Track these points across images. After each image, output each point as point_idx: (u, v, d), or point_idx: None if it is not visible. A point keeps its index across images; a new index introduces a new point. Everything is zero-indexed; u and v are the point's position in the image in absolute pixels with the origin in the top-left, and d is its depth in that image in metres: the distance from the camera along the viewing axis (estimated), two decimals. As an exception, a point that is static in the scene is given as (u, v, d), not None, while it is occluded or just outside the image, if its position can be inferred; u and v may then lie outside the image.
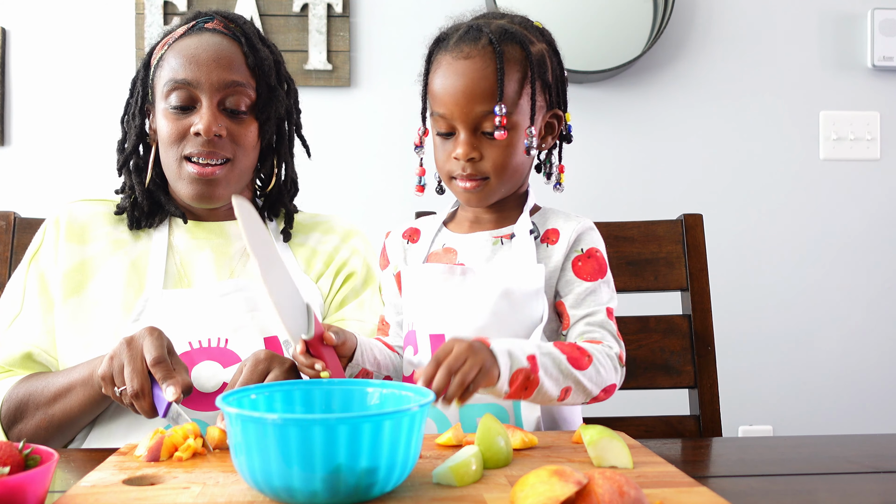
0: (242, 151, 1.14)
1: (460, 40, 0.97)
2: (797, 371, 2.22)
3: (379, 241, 1.16)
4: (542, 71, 1.00)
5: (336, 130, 2.15)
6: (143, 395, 0.90)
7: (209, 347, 1.06)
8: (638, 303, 1.47)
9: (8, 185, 2.09)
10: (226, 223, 1.21)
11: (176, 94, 1.11)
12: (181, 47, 1.13)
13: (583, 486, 0.60)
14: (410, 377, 1.00)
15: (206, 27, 1.15)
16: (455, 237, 1.04)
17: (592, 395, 0.91)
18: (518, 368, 0.82)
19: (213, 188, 1.13)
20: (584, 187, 2.18)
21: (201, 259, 1.16)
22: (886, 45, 2.20)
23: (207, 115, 1.10)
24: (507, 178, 0.98)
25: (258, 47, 1.16)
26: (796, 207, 2.23)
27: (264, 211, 1.25)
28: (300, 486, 0.62)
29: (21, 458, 0.64)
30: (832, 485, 0.78)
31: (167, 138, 1.12)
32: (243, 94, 1.13)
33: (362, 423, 0.62)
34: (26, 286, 1.15)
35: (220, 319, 1.08)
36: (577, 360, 0.88)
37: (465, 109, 0.95)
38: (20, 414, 1.04)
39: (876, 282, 2.25)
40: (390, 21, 2.17)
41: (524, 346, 0.85)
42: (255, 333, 1.09)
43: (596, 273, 0.99)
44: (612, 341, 0.96)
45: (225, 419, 0.67)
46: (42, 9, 2.10)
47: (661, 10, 2.16)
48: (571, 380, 0.88)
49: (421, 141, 1.03)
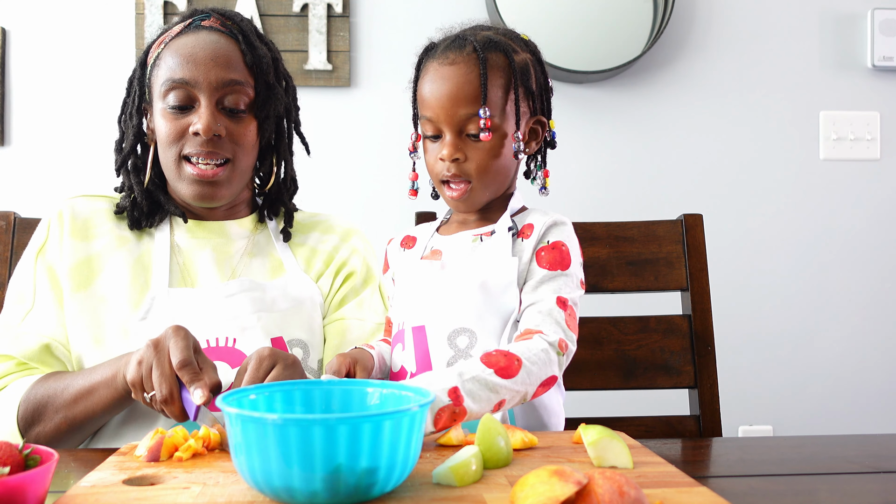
0: (242, 151, 1.14)
1: (447, 48, 1.02)
2: (797, 371, 2.22)
3: (378, 240, 1.17)
4: (525, 78, 1.04)
5: (336, 130, 2.15)
6: (172, 401, 0.88)
7: (217, 347, 1.06)
8: (638, 303, 1.48)
9: (8, 185, 2.09)
10: (226, 222, 1.21)
11: (174, 93, 1.10)
12: (178, 46, 1.12)
13: (583, 486, 0.60)
14: (400, 373, 1.03)
15: (203, 25, 1.14)
16: (442, 239, 1.08)
17: (529, 394, 0.92)
18: (440, 407, 0.84)
19: (214, 189, 1.13)
20: (584, 187, 2.18)
21: (203, 258, 1.16)
22: (886, 45, 2.20)
23: (206, 115, 1.09)
24: (491, 181, 1.02)
25: (256, 45, 1.15)
26: (796, 207, 2.23)
27: (264, 210, 1.25)
28: (300, 487, 0.62)
29: (21, 458, 0.64)
30: (832, 485, 0.78)
31: (166, 138, 1.12)
32: (242, 93, 1.12)
33: (362, 423, 0.61)
34: (36, 281, 1.13)
35: (228, 320, 1.08)
36: (506, 369, 0.89)
37: (450, 112, 0.99)
38: (38, 416, 1.02)
39: (876, 282, 2.25)
40: (390, 21, 2.17)
41: (444, 379, 0.86)
42: (262, 334, 1.09)
43: (556, 264, 1.00)
44: (553, 329, 0.95)
45: (225, 419, 0.66)
46: (42, 9, 2.11)
47: (661, 10, 2.16)
48: (503, 392, 0.88)
49: (414, 146, 1.08)
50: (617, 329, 1.34)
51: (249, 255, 1.19)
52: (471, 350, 0.98)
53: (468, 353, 0.97)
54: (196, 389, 0.86)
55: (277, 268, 1.19)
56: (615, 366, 1.32)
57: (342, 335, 1.18)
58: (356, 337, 1.18)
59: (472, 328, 0.98)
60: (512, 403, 0.91)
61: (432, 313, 1.00)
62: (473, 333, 0.98)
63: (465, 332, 0.98)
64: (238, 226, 1.21)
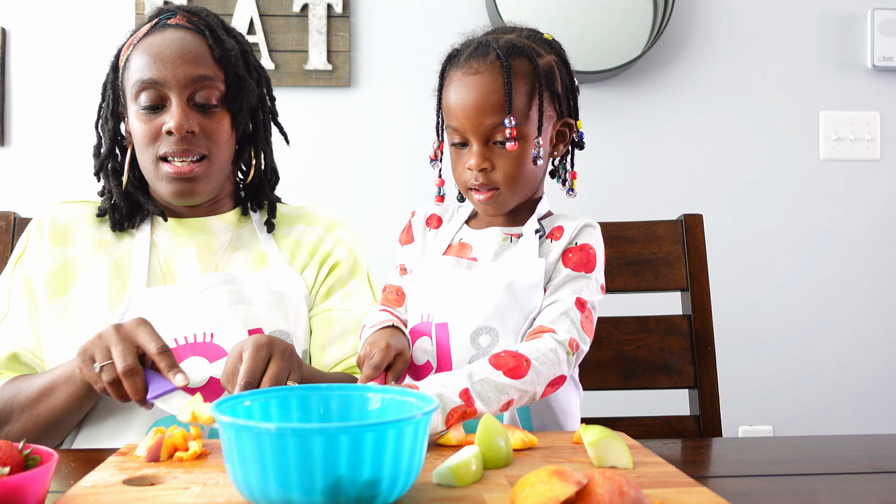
0: (217, 146, 1.13)
1: (470, 56, 1.01)
2: (797, 371, 2.22)
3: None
4: (551, 82, 1.03)
5: (336, 130, 2.15)
6: (135, 373, 0.89)
7: (195, 343, 1.06)
8: (638, 303, 1.47)
9: (8, 185, 2.09)
10: (208, 219, 1.20)
11: (145, 94, 1.10)
12: (145, 46, 1.12)
13: (583, 486, 0.60)
14: (425, 366, 1.02)
15: (170, 23, 1.14)
16: (472, 233, 1.08)
17: (538, 394, 0.92)
18: (452, 408, 0.86)
19: (192, 185, 1.13)
20: (583, 187, 2.16)
21: (185, 255, 1.16)
22: (886, 45, 2.20)
23: (178, 113, 1.09)
24: (520, 188, 1.02)
25: (223, 38, 1.15)
26: (796, 207, 2.23)
27: (247, 203, 1.24)
28: (299, 499, 0.59)
29: (21, 458, 0.64)
30: (832, 485, 0.78)
31: (141, 140, 1.12)
32: (212, 88, 1.12)
33: (365, 433, 0.58)
34: (12, 289, 1.15)
35: (204, 314, 1.08)
36: (515, 370, 0.90)
37: (476, 122, 0.99)
38: (6, 417, 1.03)
39: (876, 282, 2.25)
40: (390, 21, 2.17)
41: (455, 381, 0.88)
42: (240, 326, 1.08)
43: (581, 265, 1.00)
44: (566, 328, 0.95)
45: (219, 428, 0.64)
46: (42, 9, 2.10)
47: (661, 10, 2.16)
48: (512, 392, 0.89)
49: (436, 154, 1.08)
50: (617, 329, 1.34)
51: (233, 249, 1.19)
52: (492, 349, 0.97)
53: (489, 351, 0.97)
54: (178, 374, 0.89)
55: (261, 260, 1.19)
56: (615, 366, 1.32)
57: (329, 326, 1.18)
58: (343, 328, 1.17)
59: (495, 327, 0.98)
60: (521, 403, 0.91)
61: (457, 311, 1.00)
62: (496, 332, 0.98)
63: (488, 331, 0.99)
64: (221, 220, 1.21)
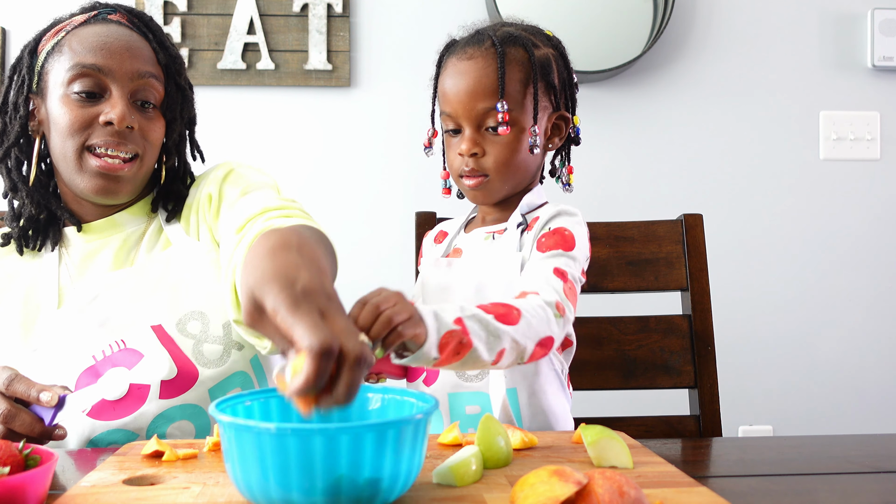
0: (151, 147, 1.10)
1: (466, 43, 1.03)
2: (797, 371, 2.22)
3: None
4: (546, 73, 1.03)
5: (336, 130, 2.15)
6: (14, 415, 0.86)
7: (112, 354, 1.03)
8: (638, 303, 1.47)
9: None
10: (116, 216, 1.14)
11: (83, 80, 1.05)
12: (86, 34, 1.07)
13: (583, 486, 0.60)
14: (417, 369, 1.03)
15: (110, 19, 1.11)
16: (464, 237, 1.10)
17: (528, 351, 0.87)
18: (448, 331, 0.79)
19: (117, 184, 1.08)
20: (583, 187, 2.17)
21: (99, 262, 1.12)
22: (886, 45, 2.20)
23: (121, 105, 1.05)
24: (510, 176, 1.02)
25: (167, 44, 1.13)
26: (796, 207, 2.23)
27: (158, 202, 1.16)
28: (299, 499, 0.59)
29: (21, 458, 0.64)
30: (832, 485, 0.78)
31: (67, 127, 1.05)
32: (154, 89, 1.09)
33: (366, 433, 0.58)
34: None
35: (110, 322, 1.04)
36: (505, 316, 0.84)
37: (468, 106, 1.00)
38: None
39: (876, 282, 2.25)
40: (390, 21, 2.17)
41: (447, 308, 0.81)
42: (145, 323, 1.04)
43: (557, 245, 0.98)
44: (550, 292, 0.92)
45: (219, 428, 0.64)
46: (42, 9, 2.10)
47: (661, 10, 2.16)
48: (503, 338, 0.83)
49: (430, 142, 1.08)
50: (617, 329, 1.34)
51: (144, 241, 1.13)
52: None
53: None
54: (41, 392, 0.86)
55: (166, 245, 1.13)
56: (615, 366, 1.32)
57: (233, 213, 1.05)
58: (241, 208, 1.03)
59: None
60: (510, 358, 0.86)
61: None
62: None
63: None
64: (129, 214, 1.15)
